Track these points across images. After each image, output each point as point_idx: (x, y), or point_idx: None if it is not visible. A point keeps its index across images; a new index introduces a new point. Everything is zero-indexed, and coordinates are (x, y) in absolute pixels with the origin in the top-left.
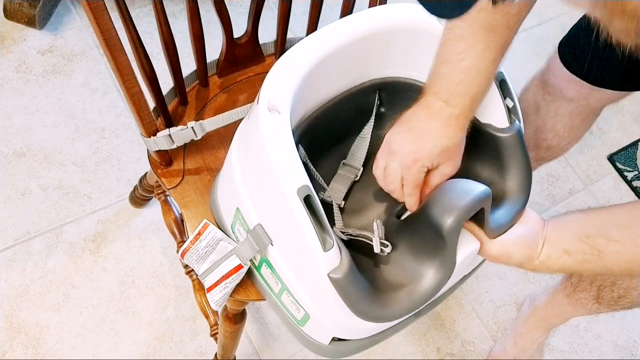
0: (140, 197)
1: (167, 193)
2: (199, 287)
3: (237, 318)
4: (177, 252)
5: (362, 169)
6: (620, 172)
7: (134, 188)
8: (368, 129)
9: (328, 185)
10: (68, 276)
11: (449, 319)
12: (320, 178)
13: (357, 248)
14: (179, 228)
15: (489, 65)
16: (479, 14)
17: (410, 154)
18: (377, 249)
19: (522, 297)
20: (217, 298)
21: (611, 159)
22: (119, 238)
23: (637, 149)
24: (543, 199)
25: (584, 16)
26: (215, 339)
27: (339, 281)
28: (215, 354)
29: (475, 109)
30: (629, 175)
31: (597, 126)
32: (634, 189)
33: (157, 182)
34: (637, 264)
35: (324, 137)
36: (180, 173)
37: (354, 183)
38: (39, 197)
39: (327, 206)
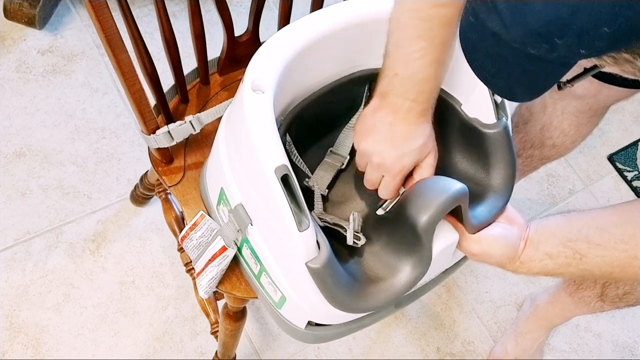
0: (141, 195)
1: (168, 191)
2: None
3: (237, 316)
4: (178, 251)
5: (348, 157)
6: (620, 172)
7: (135, 187)
8: (356, 120)
9: (313, 173)
10: (68, 276)
11: (449, 319)
12: (304, 165)
13: (337, 237)
14: (179, 226)
15: (448, 57)
16: (432, 9)
17: (396, 164)
18: (349, 241)
19: (522, 297)
20: (204, 283)
21: (611, 159)
22: (119, 238)
23: (637, 149)
24: (543, 199)
25: None
26: (216, 337)
27: (317, 271)
28: (216, 352)
29: (436, 97)
30: (629, 175)
31: (597, 126)
32: (634, 189)
33: (157, 180)
34: (618, 268)
35: (313, 126)
36: (181, 170)
37: (340, 172)
38: (39, 197)
39: (310, 193)
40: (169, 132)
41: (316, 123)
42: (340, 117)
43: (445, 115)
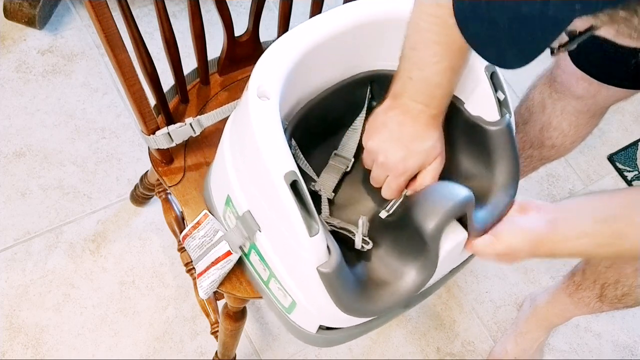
0: (141, 195)
1: (168, 191)
2: None
3: (237, 316)
4: (178, 251)
5: (353, 159)
6: (620, 172)
7: (135, 187)
8: (360, 121)
9: (319, 176)
10: (68, 276)
11: (449, 319)
12: (311, 169)
13: (343, 240)
14: (179, 226)
15: (463, 64)
16: (451, 17)
17: (399, 164)
18: (358, 245)
19: (522, 297)
20: (205, 285)
21: (611, 159)
22: (119, 238)
23: (637, 149)
24: (543, 199)
25: None
26: (216, 337)
27: (328, 275)
28: (216, 353)
29: (448, 104)
30: (629, 175)
31: (597, 126)
32: None
33: (158, 180)
34: None
35: (317, 129)
36: (181, 171)
37: (344, 174)
38: (39, 197)
39: (316, 197)
40: (168, 133)
41: (320, 125)
42: (343, 119)
43: (447, 114)
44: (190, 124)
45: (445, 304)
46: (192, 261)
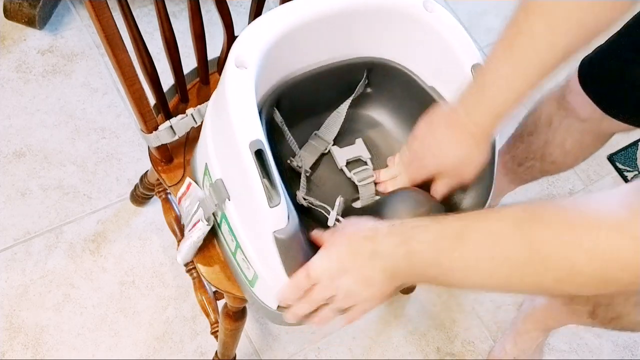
0: (141, 195)
1: (168, 191)
2: (199, 286)
3: (237, 316)
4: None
5: (332, 143)
6: (620, 172)
7: (135, 186)
8: (345, 106)
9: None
10: (68, 276)
11: (449, 319)
12: (294, 142)
13: (317, 219)
14: (179, 226)
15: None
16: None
17: (416, 158)
18: (331, 222)
19: (522, 297)
20: (183, 249)
21: (611, 159)
22: (119, 238)
23: (637, 149)
24: (543, 199)
25: (608, 41)
26: (216, 337)
27: (283, 242)
28: (216, 352)
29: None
30: (629, 175)
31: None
32: None
33: (157, 180)
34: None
35: (303, 104)
36: (180, 170)
37: (322, 156)
38: (39, 197)
39: (294, 172)
40: (171, 126)
41: (308, 102)
42: (332, 101)
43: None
44: (192, 115)
45: (445, 304)
46: (192, 261)
